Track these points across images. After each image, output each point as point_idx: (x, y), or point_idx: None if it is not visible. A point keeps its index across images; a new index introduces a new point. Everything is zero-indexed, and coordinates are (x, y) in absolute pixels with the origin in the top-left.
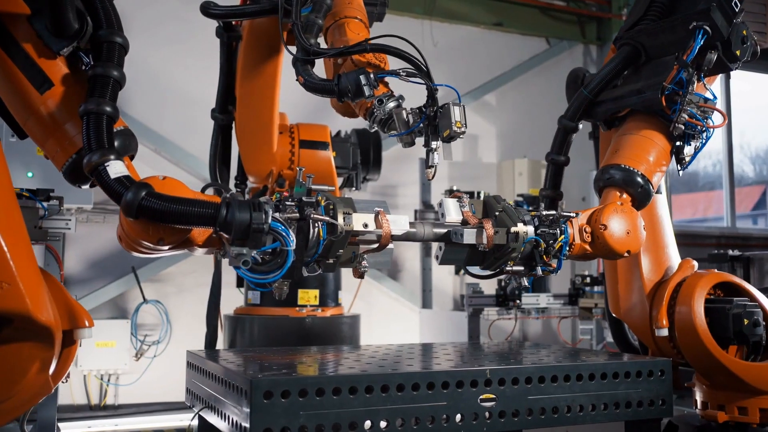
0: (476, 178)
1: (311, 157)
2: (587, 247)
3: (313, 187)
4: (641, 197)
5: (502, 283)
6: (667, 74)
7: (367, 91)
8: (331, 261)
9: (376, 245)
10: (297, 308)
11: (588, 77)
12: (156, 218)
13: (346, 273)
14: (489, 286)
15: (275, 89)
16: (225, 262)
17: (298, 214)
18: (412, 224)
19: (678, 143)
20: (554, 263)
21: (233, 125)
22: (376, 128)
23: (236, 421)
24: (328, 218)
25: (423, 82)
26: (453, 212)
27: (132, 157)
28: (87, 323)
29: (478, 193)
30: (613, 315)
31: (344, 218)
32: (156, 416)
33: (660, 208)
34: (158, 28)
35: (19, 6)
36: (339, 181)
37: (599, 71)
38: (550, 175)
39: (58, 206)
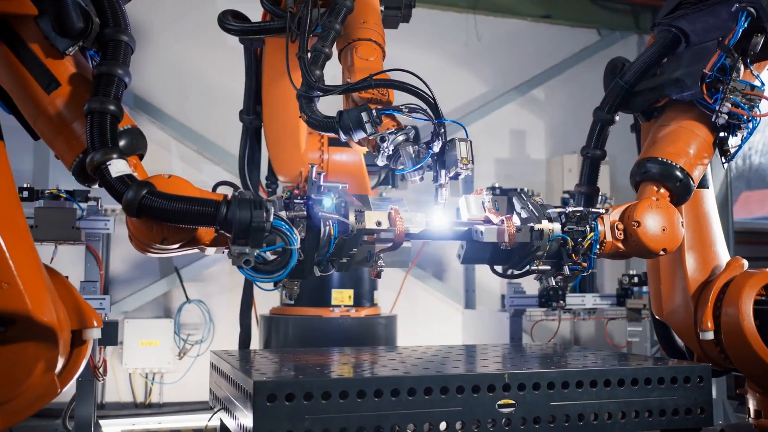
0: (524, 175)
1: (340, 155)
2: (620, 245)
3: (325, 184)
4: (680, 192)
5: (543, 283)
6: (707, 60)
7: (369, 128)
8: (344, 260)
9: (390, 244)
10: (330, 308)
11: (626, 67)
12: (157, 217)
13: (387, 272)
14: (532, 286)
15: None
16: None
17: (305, 213)
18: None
19: (722, 134)
20: (585, 262)
21: (262, 127)
22: (386, 163)
23: (243, 424)
24: (336, 216)
25: (426, 118)
26: (474, 209)
27: (141, 156)
28: (95, 323)
29: (522, 190)
30: (657, 317)
31: (356, 216)
32: (198, 414)
33: (706, 203)
34: (202, 31)
35: (26, 7)
36: (373, 179)
37: (636, 60)
38: (586, 171)
39: (96, 207)
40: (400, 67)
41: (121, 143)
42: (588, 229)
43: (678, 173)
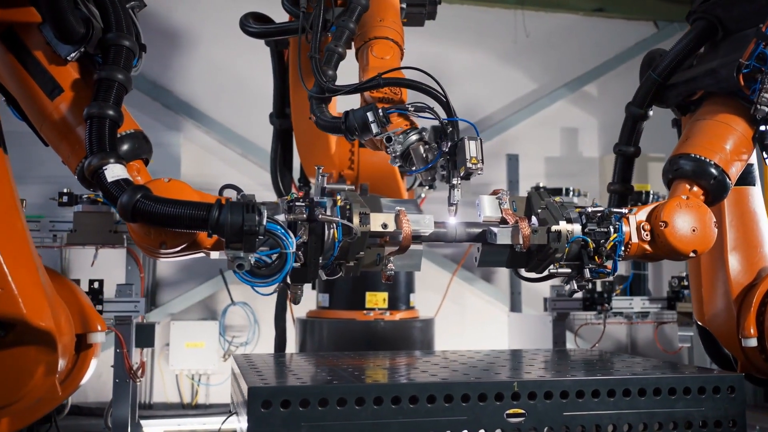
0: (575, 174)
1: (371, 156)
2: (646, 246)
3: (330, 186)
4: (715, 190)
5: (588, 285)
6: (744, 49)
7: (374, 128)
8: (351, 264)
9: (398, 247)
10: (364, 311)
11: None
12: (150, 221)
13: (433, 275)
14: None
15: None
16: None
17: (305, 215)
18: (439, 224)
19: (762, 128)
20: (610, 265)
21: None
22: (399, 163)
23: (243, 429)
24: (336, 218)
25: (433, 116)
26: (489, 210)
27: (147, 161)
28: (99, 327)
29: (567, 189)
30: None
31: (361, 219)
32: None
33: (753, 201)
34: (243, 35)
35: (30, 15)
36: (407, 180)
37: (669, 51)
38: (619, 168)
39: None
40: (448, 65)
41: (124, 147)
42: (611, 230)
43: (712, 170)
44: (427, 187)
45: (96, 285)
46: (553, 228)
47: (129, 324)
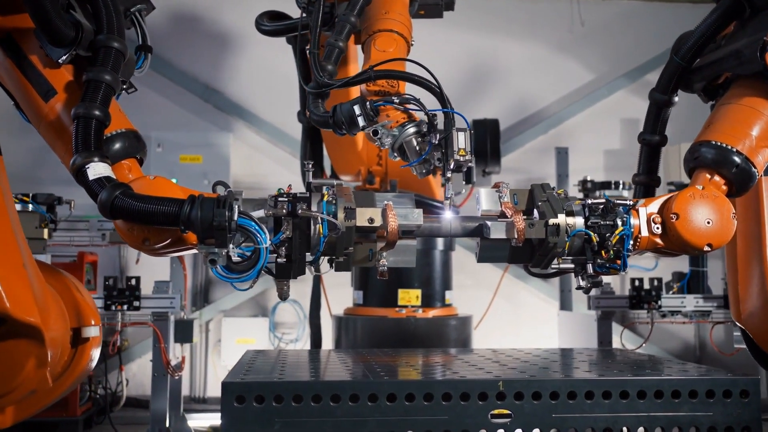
0: (636, 166)
1: None
2: (658, 240)
3: (316, 182)
4: (738, 179)
5: (636, 283)
6: None
7: (361, 122)
8: (341, 259)
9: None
10: (397, 309)
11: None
12: (128, 217)
13: (484, 272)
14: (622, 285)
15: (352, 89)
16: None
17: (285, 211)
18: (429, 218)
19: None
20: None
21: None
22: (396, 157)
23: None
24: (316, 213)
25: (419, 108)
26: (487, 203)
27: (141, 160)
28: (93, 321)
29: (617, 183)
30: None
31: (346, 214)
32: None
33: None
34: None
35: (27, 21)
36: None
37: (692, 32)
38: (644, 158)
39: None
40: (503, 56)
41: (116, 146)
42: (619, 222)
43: (735, 158)
44: (463, 182)
45: (133, 282)
46: (551, 221)
47: (166, 320)
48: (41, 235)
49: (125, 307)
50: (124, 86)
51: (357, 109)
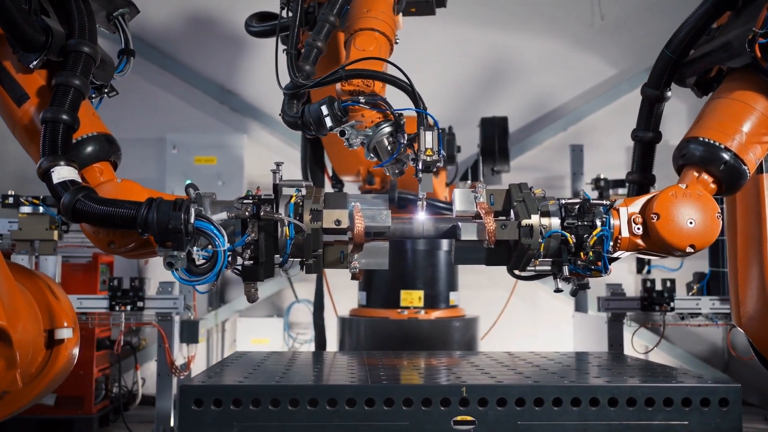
0: (663, 163)
1: None
2: (639, 241)
3: (284, 182)
4: (728, 178)
5: (647, 284)
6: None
7: (328, 122)
8: (310, 261)
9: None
10: (399, 310)
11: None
12: (89, 220)
13: (502, 272)
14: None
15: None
16: None
17: (247, 213)
18: (400, 220)
19: None
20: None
21: None
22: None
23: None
24: (279, 215)
25: (385, 108)
26: (461, 204)
27: (114, 164)
28: (66, 323)
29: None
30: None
31: (312, 215)
32: None
33: None
34: None
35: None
36: (448, 175)
37: (684, 22)
38: (637, 156)
39: None
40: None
41: (87, 150)
42: (599, 223)
43: (723, 155)
44: (469, 181)
45: (136, 283)
46: (524, 222)
47: (170, 321)
48: (51, 237)
49: (129, 307)
50: (105, 90)
51: (325, 109)
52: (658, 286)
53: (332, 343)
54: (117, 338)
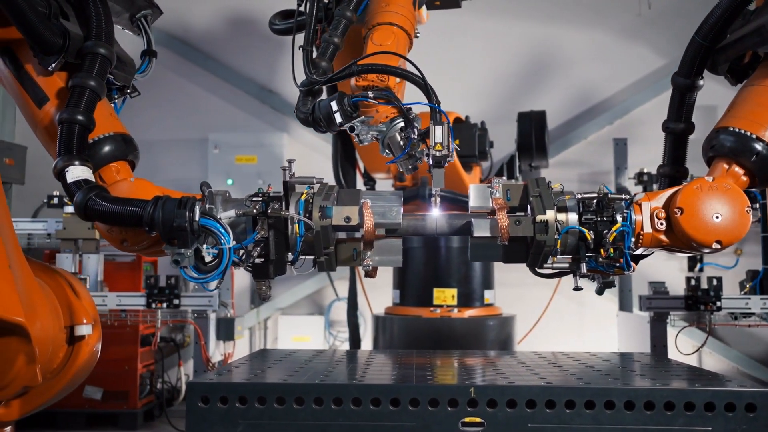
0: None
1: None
2: (662, 237)
3: (296, 179)
4: (760, 169)
5: (692, 282)
6: None
7: (338, 118)
8: (322, 259)
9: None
10: (431, 308)
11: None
12: (100, 219)
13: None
14: (677, 284)
15: None
16: None
17: (255, 211)
18: (413, 216)
19: None
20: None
21: None
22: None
23: None
24: (287, 212)
25: (395, 103)
26: (476, 200)
27: (132, 163)
28: (85, 320)
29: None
30: None
31: (322, 213)
32: None
33: None
34: None
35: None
36: (483, 171)
37: (714, 7)
38: (669, 148)
39: None
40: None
41: (104, 150)
42: (619, 218)
43: (755, 145)
44: (504, 177)
45: (172, 281)
46: (539, 218)
47: (206, 318)
48: (93, 236)
49: (165, 305)
50: (128, 91)
51: (334, 105)
52: (704, 285)
53: (368, 342)
54: (155, 337)
